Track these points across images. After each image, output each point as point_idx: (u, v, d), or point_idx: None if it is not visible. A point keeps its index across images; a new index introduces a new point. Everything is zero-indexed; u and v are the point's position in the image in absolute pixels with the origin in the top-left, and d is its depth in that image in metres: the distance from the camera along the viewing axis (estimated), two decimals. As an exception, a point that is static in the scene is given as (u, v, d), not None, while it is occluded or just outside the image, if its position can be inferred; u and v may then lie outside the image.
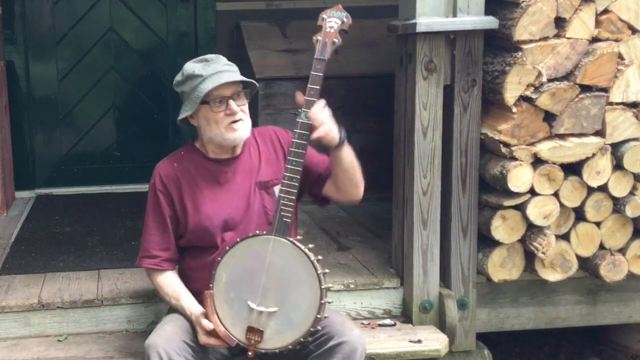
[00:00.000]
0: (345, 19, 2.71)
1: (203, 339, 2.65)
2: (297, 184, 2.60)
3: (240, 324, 2.61)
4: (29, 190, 4.96)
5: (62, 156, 5.09)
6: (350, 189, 2.77)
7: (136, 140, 5.14)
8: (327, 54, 2.66)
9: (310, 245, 2.61)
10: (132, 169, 5.10)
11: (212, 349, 2.74)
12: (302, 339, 2.58)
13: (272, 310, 2.58)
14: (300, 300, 2.57)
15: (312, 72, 2.63)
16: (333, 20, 2.69)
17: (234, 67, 2.76)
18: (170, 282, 2.82)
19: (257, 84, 2.84)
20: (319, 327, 2.62)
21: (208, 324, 2.63)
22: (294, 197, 2.61)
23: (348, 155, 2.70)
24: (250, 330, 2.59)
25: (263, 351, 2.62)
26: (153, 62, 5.12)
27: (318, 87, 2.61)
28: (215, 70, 2.69)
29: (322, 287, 2.55)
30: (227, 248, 2.64)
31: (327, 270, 2.60)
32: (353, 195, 2.80)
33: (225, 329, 2.61)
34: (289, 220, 2.60)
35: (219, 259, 2.63)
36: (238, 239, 2.64)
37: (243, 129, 2.73)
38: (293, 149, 2.61)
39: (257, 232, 2.65)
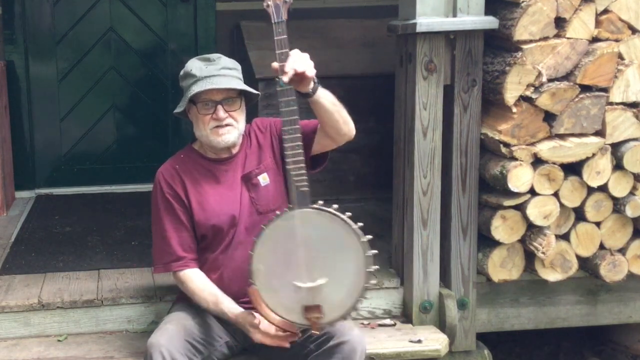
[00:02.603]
0: None
1: (258, 337, 2.63)
2: (301, 151, 2.54)
3: (295, 307, 2.53)
4: (29, 190, 4.96)
5: (62, 156, 5.09)
6: (341, 128, 2.69)
7: (136, 140, 5.13)
8: (284, 14, 2.56)
9: (335, 206, 2.53)
10: (132, 169, 5.10)
11: (214, 348, 2.75)
12: (361, 298, 2.53)
13: (321, 282, 2.50)
14: (346, 262, 2.50)
15: (275, 38, 2.54)
16: None
17: (232, 72, 2.75)
18: (206, 287, 2.77)
19: (258, 93, 2.82)
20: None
21: (256, 321, 2.61)
22: (303, 165, 2.54)
23: (326, 95, 2.63)
24: (308, 309, 2.52)
25: (327, 325, 2.55)
26: (153, 62, 5.11)
27: (287, 50, 2.53)
28: (210, 74, 2.70)
29: (362, 240, 2.48)
30: (255, 239, 2.57)
31: (361, 224, 2.51)
32: (345, 133, 2.71)
33: (283, 318, 2.55)
34: (307, 189, 2.53)
35: (250, 252, 2.56)
36: (263, 226, 2.56)
37: (229, 135, 2.73)
38: (285, 118, 2.54)
39: (278, 212, 2.57)
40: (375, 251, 2.50)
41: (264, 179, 2.80)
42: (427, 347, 3.05)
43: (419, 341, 3.07)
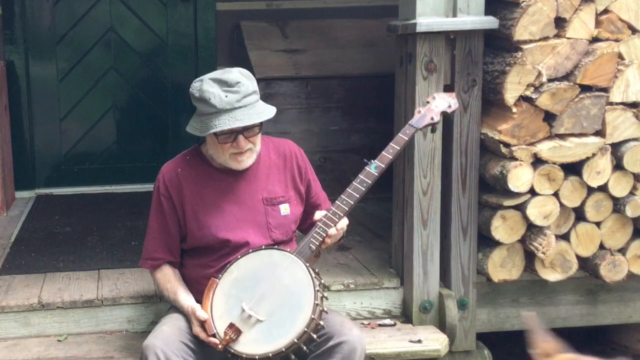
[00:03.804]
0: (452, 105, 2.89)
1: (196, 329, 2.66)
2: (337, 220, 2.68)
3: (226, 319, 2.62)
4: (29, 190, 4.96)
5: (62, 156, 5.08)
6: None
7: (136, 140, 5.13)
8: (422, 125, 2.81)
9: (323, 280, 2.65)
10: (132, 169, 5.10)
11: (210, 349, 2.74)
12: (270, 355, 2.57)
13: (260, 318, 2.59)
14: (289, 321, 2.57)
15: (399, 134, 2.77)
16: (441, 101, 2.87)
17: (253, 97, 2.65)
18: (170, 278, 2.82)
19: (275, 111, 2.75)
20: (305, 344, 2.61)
21: (202, 315, 2.64)
22: (328, 230, 2.67)
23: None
24: (231, 326, 2.60)
25: (232, 351, 2.61)
26: (153, 62, 5.11)
27: (398, 148, 2.75)
28: (232, 106, 2.60)
29: (312, 316, 2.56)
30: (250, 250, 2.70)
31: (326, 309, 2.62)
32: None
33: (212, 318, 2.64)
34: (314, 248, 2.66)
35: (239, 256, 2.69)
36: (263, 246, 2.72)
37: (249, 160, 2.73)
38: (350, 190, 2.69)
39: (282, 248, 2.72)
40: (315, 336, 2.58)
41: (285, 209, 2.82)
42: (427, 347, 3.05)
43: (419, 341, 3.07)
